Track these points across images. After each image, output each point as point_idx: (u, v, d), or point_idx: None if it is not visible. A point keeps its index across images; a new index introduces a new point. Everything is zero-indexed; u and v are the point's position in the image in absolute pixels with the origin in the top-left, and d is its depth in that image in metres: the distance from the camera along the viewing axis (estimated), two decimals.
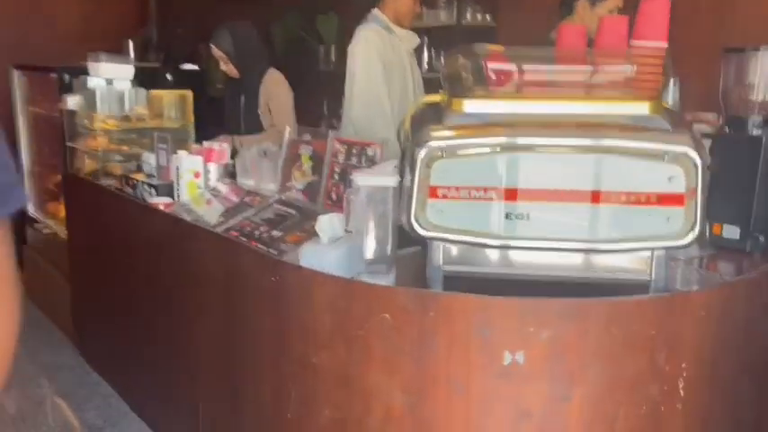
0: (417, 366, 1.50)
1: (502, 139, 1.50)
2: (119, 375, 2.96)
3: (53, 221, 3.90)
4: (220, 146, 2.55)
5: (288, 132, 2.32)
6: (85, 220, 3.12)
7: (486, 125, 1.55)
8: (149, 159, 2.73)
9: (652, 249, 1.54)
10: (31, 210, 4.16)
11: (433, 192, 1.54)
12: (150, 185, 2.56)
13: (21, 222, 4.29)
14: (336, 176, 2.05)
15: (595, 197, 1.49)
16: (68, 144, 3.37)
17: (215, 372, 2.14)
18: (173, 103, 3.48)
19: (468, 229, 1.54)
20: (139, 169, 2.85)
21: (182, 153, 2.46)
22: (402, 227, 1.60)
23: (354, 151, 2.00)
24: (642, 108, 1.54)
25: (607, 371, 1.45)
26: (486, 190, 1.52)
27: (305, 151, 2.20)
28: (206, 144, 2.55)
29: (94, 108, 3.23)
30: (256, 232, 2.01)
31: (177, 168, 2.45)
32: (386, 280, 1.66)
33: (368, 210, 1.63)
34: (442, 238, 1.56)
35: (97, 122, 3.26)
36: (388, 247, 1.66)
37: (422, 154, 1.52)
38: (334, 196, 2.06)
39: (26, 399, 2.75)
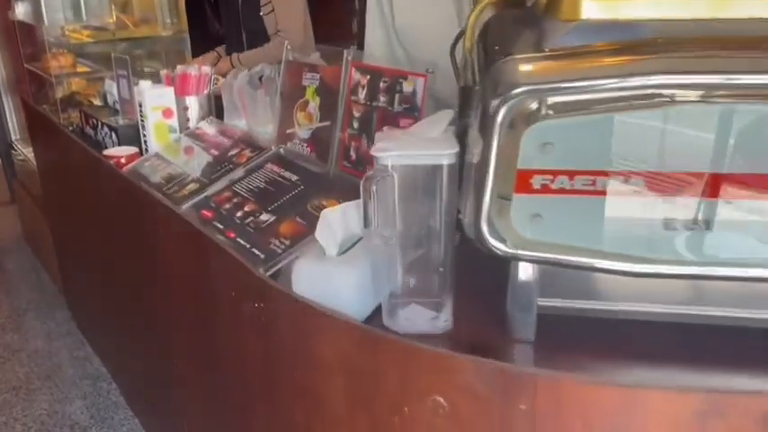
0: None
1: (671, 78, 0.76)
2: (104, 347, 2.43)
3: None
4: (199, 70, 1.83)
5: (287, 48, 1.59)
6: (51, 164, 2.48)
7: (633, 45, 0.81)
8: (112, 89, 2.04)
9: None
10: (14, 139, 3.56)
11: (523, 180, 0.83)
12: (110, 128, 1.88)
13: (7, 153, 3.72)
14: (356, 124, 1.33)
15: None
16: (27, 66, 2.68)
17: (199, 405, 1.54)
18: (160, 4, 2.75)
19: (591, 248, 0.84)
20: (106, 103, 2.17)
21: (144, 84, 1.75)
22: (464, 234, 0.91)
23: (382, 85, 1.27)
24: None
25: None
26: (631, 176, 0.80)
27: (310, 82, 1.47)
28: (180, 69, 1.84)
29: (56, 15, 2.52)
30: (238, 214, 1.33)
31: (140, 105, 1.76)
32: (434, 325, 0.98)
33: (404, 204, 0.93)
34: (540, 259, 0.87)
35: (64, 33, 2.56)
36: (440, 269, 0.96)
37: (502, 110, 0.80)
38: (353, 154, 1.35)
39: None
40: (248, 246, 1.23)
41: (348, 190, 1.24)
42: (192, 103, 1.82)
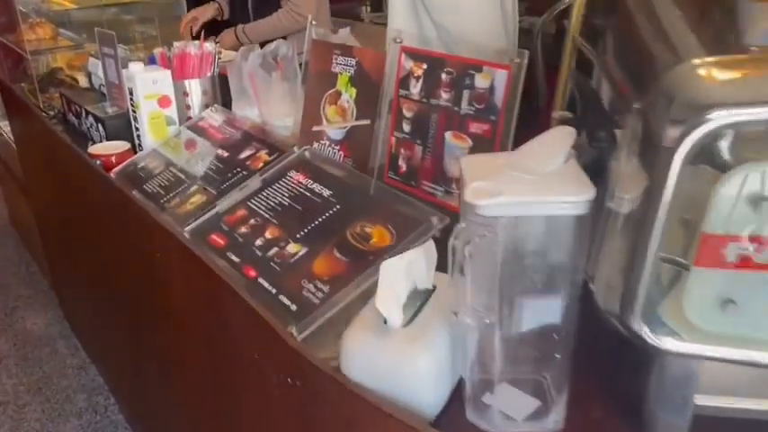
0: None
1: None
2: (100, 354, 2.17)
3: None
4: (199, 48, 1.52)
5: (311, 23, 1.28)
6: (31, 153, 2.18)
7: None
8: (97, 70, 1.73)
9: None
10: None
11: (711, 248, 0.54)
12: (97, 118, 1.58)
13: None
14: (407, 127, 1.04)
15: None
16: None
17: None
18: None
19: None
20: (92, 86, 1.86)
21: (135, 67, 1.44)
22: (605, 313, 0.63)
23: (445, 77, 0.97)
24: None
25: None
26: None
27: (343, 68, 1.17)
28: (178, 46, 1.53)
29: None
30: (258, 242, 1.05)
31: (131, 93, 1.46)
32: (541, 426, 0.71)
33: (508, 269, 0.64)
34: (729, 359, 0.59)
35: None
36: (556, 356, 0.68)
37: (688, 143, 0.51)
38: (402, 165, 1.06)
39: None
40: (274, 290, 0.95)
41: (397, 212, 0.96)
42: (194, 87, 1.52)
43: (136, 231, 1.29)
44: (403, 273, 0.76)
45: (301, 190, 1.12)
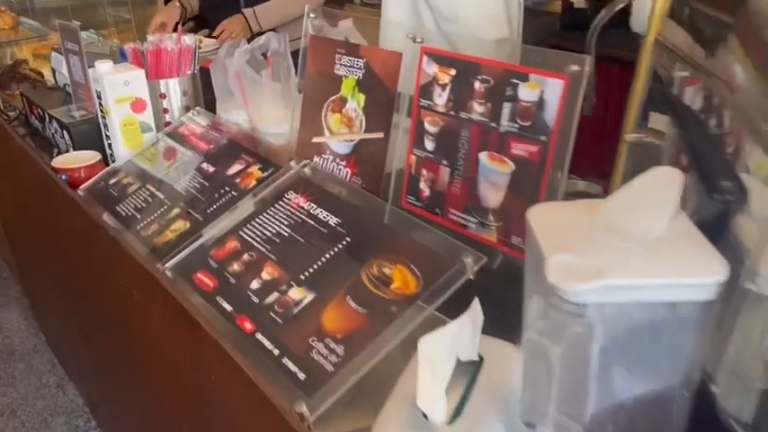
0: None
1: None
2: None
3: None
4: (177, 42, 1.32)
5: (309, 16, 1.09)
6: None
7: None
8: (61, 67, 1.53)
9: None
10: None
11: None
12: (61, 125, 1.39)
13: None
14: (430, 144, 0.87)
15: None
16: None
17: None
18: None
19: None
20: (57, 83, 1.65)
21: (102, 67, 1.25)
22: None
23: (480, 86, 0.79)
24: None
25: None
26: None
27: (348, 71, 0.99)
28: (152, 40, 1.33)
29: None
30: (254, 285, 0.87)
31: (99, 97, 1.27)
32: None
33: (604, 366, 0.48)
34: None
35: None
36: None
37: None
38: (424, 188, 0.89)
39: None
40: (276, 351, 0.78)
41: (422, 247, 0.80)
42: (172, 88, 1.33)
43: (109, 263, 1.11)
44: (446, 352, 0.60)
45: (303, 216, 0.95)
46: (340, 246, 0.88)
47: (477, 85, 0.79)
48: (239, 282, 0.89)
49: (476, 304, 0.62)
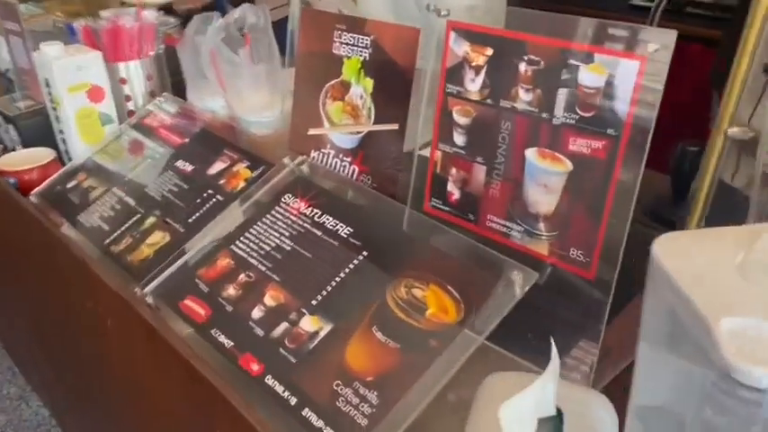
0: None
1: None
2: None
3: None
4: (136, 17, 1.14)
5: None
6: None
7: None
8: (1, 51, 1.33)
9: None
10: None
11: None
12: (6, 118, 1.20)
13: None
14: (460, 138, 0.73)
15: None
16: None
17: None
18: None
19: None
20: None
21: (49, 50, 1.06)
22: None
23: (526, 68, 0.66)
24: None
25: None
26: None
27: (350, 50, 0.83)
28: (106, 16, 1.15)
29: None
30: (256, 313, 0.73)
31: (48, 83, 1.08)
32: None
33: None
34: None
35: None
36: None
37: None
38: (452, 189, 0.75)
39: None
40: (293, 400, 0.64)
41: (456, 262, 0.67)
42: (134, 72, 1.16)
43: (74, 284, 0.95)
44: (530, 416, 0.47)
45: (306, 226, 0.80)
46: (356, 262, 0.74)
47: (522, 67, 0.65)
48: (238, 310, 0.74)
49: (554, 353, 0.50)
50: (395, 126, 0.80)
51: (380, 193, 0.82)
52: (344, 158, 0.87)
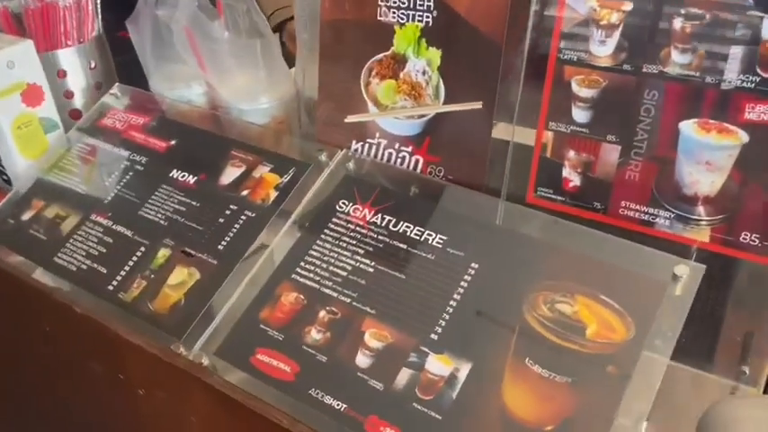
0: None
1: None
2: None
3: None
4: None
5: None
6: None
7: None
8: None
9: None
10: None
11: None
12: None
13: None
14: (580, 114, 0.60)
15: None
16: None
17: None
18: None
19: None
20: None
21: None
22: None
23: (684, 24, 0.54)
24: None
25: None
26: None
27: (405, 15, 0.67)
28: None
29: None
30: (360, 359, 0.58)
31: None
32: None
33: None
34: None
35: None
36: None
37: None
38: (570, 175, 0.63)
39: None
40: None
41: (592, 262, 0.57)
42: (73, 61, 0.92)
43: (75, 348, 0.75)
44: None
45: (382, 237, 0.66)
46: (468, 278, 0.61)
47: (677, 23, 0.53)
48: (335, 359, 0.59)
49: None
50: (477, 105, 0.66)
51: (457, 182, 0.69)
52: (403, 148, 0.72)
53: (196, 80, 0.90)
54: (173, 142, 0.83)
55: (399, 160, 0.72)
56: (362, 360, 0.59)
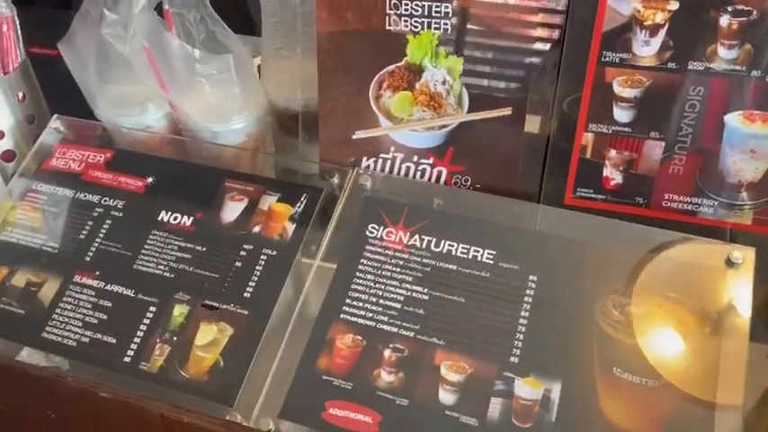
0: None
1: None
2: None
3: None
4: None
5: None
6: None
7: None
8: None
9: None
10: None
11: None
12: None
13: None
14: (625, 114, 0.60)
15: None
16: None
17: None
18: None
19: None
20: None
21: None
22: None
23: (730, 21, 0.54)
24: None
25: None
26: None
27: (420, 23, 0.63)
28: None
29: None
30: (444, 395, 0.56)
31: None
32: None
33: None
34: None
35: None
36: None
37: None
38: (613, 176, 0.63)
39: None
40: None
41: (647, 258, 0.58)
42: (2, 94, 0.79)
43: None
44: None
45: (428, 260, 0.63)
46: (530, 292, 0.60)
47: (724, 20, 0.54)
48: (417, 400, 0.56)
49: None
50: (506, 111, 0.64)
51: (484, 190, 0.67)
52: (423, 161, 0.68)
53: (152, 102, 0.80)
54: (149, 180, 0.74)
55: (419, 173, 0.69)
56: (446, 396, 0.56)
